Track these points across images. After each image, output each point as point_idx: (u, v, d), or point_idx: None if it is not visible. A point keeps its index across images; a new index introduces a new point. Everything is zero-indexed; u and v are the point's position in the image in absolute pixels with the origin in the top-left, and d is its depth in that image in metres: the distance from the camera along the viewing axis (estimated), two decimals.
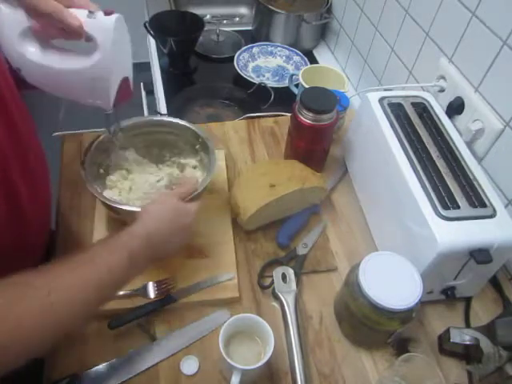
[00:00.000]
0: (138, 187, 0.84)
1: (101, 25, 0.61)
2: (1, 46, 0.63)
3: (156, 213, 0.66)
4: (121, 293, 0.73)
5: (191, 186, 0.74)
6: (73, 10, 0.60)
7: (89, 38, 0.63)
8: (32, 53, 0.63)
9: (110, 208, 0.76)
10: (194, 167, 0.88)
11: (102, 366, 0.67)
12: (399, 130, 0.81)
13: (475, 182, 0.73)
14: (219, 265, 0.79)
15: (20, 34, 0.62)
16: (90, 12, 0.61)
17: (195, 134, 0.86)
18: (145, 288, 0.75)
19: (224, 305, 0.76)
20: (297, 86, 1.17)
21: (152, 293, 0.74)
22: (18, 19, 0.61)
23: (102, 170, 0.83)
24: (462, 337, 0.70)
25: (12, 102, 0.62)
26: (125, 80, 0.70)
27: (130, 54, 0.70)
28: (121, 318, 0.71)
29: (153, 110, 1.31)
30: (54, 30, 0.63)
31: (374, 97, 0.87)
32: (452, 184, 0.73)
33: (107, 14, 0.62)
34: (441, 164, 0.76)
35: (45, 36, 0.64)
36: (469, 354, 0.71)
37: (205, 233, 0.83)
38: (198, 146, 0.86)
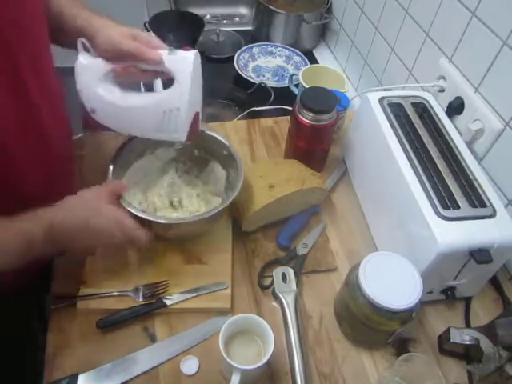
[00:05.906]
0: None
1: (181, 59, 0.67)
2: (79, 91, 0.68)
3: (69, 206, 0.65)
4: (115, 293, 0.73)
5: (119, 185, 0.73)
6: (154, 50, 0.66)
7: (169, 73, 0.67)
8: (110, 95, 0.68)
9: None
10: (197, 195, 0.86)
11: (101, 367, 0.67)
12: (399, 130, 0.81)
13: (475, 182, 0.73)
14: (215, 273, 0.78)
15: (100, 78, 0.67)
16: (170, 49, 0.67)
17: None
18: (136, 290, 0.74)
19: (216, 314, 0.74)
20: (297, 86, 1.17)
21: (142, 296, 0.74)
22: (97, 66, 0.67)
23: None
24: (462, 337, 0.70)
25: (35, 85, 0.63)
26: (196, 115, 0.73)
27: (201, 91, 0.74)
28: (108, 318, 0.71)
29: None
30: (135, 70, 0.68)
31: (373, 97, 0.87)
32: (452, 184, 0.73)
33: (186, 50, 0.67)
34: (441, 164, 0.76)
35: (125, 77, 0.69)
36: (469, 354, 0.71)
37: (205, 239, 0.82)
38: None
